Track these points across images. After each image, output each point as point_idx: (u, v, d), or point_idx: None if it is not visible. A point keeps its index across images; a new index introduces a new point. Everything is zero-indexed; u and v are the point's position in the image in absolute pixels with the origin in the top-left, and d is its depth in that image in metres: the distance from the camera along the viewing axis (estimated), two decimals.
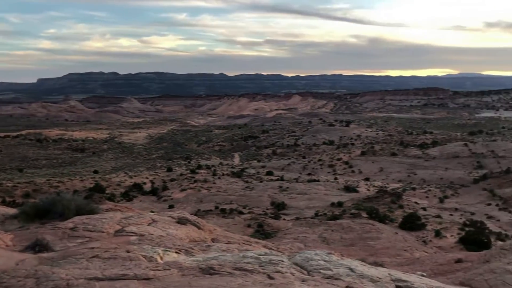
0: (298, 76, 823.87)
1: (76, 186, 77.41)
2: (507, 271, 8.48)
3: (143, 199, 75.26)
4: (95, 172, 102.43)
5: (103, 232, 8.64)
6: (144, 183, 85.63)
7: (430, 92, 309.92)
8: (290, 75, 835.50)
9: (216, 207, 62.63)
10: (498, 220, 62.32)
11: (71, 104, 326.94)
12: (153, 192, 79.83)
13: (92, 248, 7.22)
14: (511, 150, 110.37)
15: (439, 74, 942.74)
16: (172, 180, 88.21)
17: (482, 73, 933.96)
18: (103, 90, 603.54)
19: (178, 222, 10.41)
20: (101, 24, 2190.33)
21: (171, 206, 63.66)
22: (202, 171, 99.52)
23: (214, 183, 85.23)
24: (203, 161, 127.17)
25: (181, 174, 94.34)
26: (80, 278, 5.60)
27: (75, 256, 6.66)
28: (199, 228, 10.64)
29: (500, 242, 31.77)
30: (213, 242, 9.78)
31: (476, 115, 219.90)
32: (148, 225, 9.59)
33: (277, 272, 5.98)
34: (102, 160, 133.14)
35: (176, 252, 7.29)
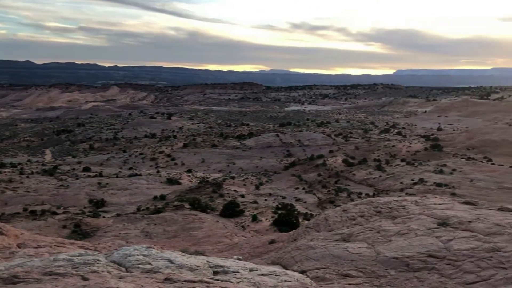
0: (116, 66, 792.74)
1: None
2: (309, 247, 9.54)
3: None
4: None
5: None
6: None
7: (246, 87, 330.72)
8: (107, 65, 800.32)
9: (25, 209, 56.77)
10: (305, 202, 70.14)
11: None
12: None
13: None
14: (314, 139, 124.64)
15: (253, 70, 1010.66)
16: None
17: (290, 70, 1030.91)
18: None
19: None
20: None
21: None
22: (6, 170, 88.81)
23: (22, 182, 76.98)
24: (7, 158, 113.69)
25: None
26: None
27: None
28: (1, 234, 9.47)
29: (306, 221, 35.68)
30: (19, 247, 8.80)
31: (286, 108, 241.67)
32: None
33: (92, 272, 5.67)
34: None
35: None
